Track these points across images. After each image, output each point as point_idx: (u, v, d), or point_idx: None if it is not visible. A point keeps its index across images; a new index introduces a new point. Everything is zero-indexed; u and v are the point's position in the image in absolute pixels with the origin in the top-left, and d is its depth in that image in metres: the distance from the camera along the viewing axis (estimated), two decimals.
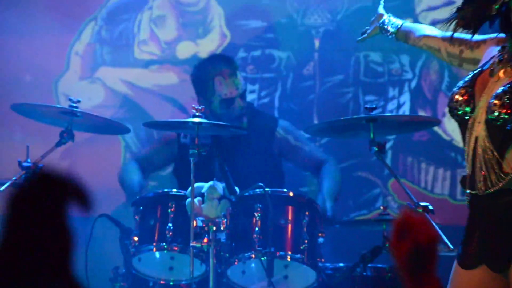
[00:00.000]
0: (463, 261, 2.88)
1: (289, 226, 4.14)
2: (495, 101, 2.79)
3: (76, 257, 4.67)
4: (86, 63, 5.09)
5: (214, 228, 4.00)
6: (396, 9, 4.89)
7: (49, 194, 1.63)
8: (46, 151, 4.13)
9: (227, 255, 4.07)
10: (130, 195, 4.43)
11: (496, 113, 2.78)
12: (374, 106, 4.03)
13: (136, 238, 4.13)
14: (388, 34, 3.26)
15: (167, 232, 4.12)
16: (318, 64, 5.08)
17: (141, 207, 4.20)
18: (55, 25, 5.03)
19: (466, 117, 2.84)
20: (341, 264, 4.21)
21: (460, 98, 2.85)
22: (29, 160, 4.12)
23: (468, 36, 2.97)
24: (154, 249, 4.13)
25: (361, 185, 5.06)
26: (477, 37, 2.96)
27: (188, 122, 4.11)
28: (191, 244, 3.92)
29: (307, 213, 4.15)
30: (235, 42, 5.06)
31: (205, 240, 3.96)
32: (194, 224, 3.94)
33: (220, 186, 4.11)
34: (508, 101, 2.77)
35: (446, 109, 2.92)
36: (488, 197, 2.80)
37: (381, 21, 3.27)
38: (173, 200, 4.16)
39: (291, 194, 4.19)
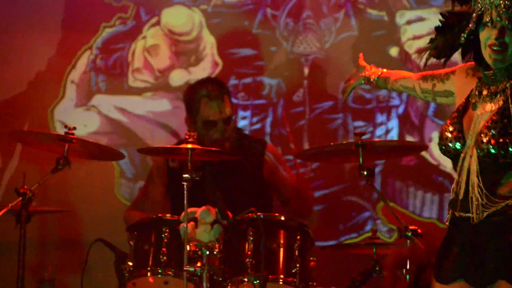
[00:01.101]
0: (440, 275, 2.99)
1: (281, 250, 4.21)
2: (482, 138, 2.90)
3: (72, 281, 4.73)
4: (81, 91, 5.19)
5: (208, 252, 4.06)
6: (382, 38, 5.03)
7: None
8: (42, 178, 4.20)
9: (220, 279, 4.12)
10: None
11: (485, 149, 2.89)
12: (363, 131, 4.12)
13: (130, 263, 4.19)
14: (371, 83, 3.37)
15: (161, 256, 4.18)
16: (308, 91, 5.18)
17: (135, 232, 4.26)
18: (51, 53, 5.13)
19: (457, 153, 2.96)
20: None
21: (450, 135, 2.97)
22: (25, 187, 4.20)
23: (438, 72, 3.10)
24: (149, 274, 4.19)
25: (350, 209, 5.14)
26: (445, 69, 3.08)
27: (181, 148, 4.20)
28: (184, 268, 3.98)
29: (298, 237, 4.22)
30: (227, 69, 5.16)
31: (199, 264, 4.01)
32: (188, 249, 4.00)
33: (213, 211, 4.17)
34: (492, 136, 2.88)
35: (435, 142, 3.05)
36: (481, 222, 2.93)
37: (367, 73, 3.36)
38: (167, 225, 4.22)
39: (282, 218, 4.25)
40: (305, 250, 4.23)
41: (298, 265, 4.17)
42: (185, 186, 4.05)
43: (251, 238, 4.17)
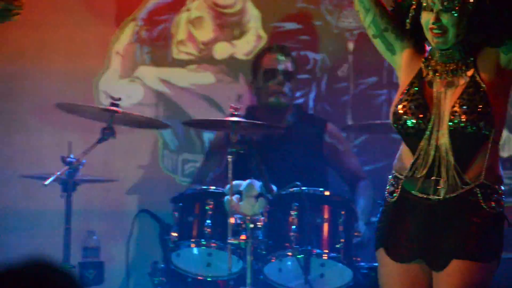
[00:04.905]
0: (395, 253, 2.97)
1: (326, 224, 4.20)
2: (454, 113, 2.88)
3: (117, 251, 4.77)
4: (126, 62, 5.18)
5: (252, 225, 4.06)
6: None
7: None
8: (88, 147, 4.21)
9: (264, 252, 4.13)
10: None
11: (458, 125, 2.87)
12: None
13: (175, 234, 4.20)
14: None
15: (205, 228, 4.19)
16: (352, 66, 5.15)
17: (180, 204, 4.27)
18: (96, 24, 5.12)
19: (418, 130, 2.91)
20: (377, 264, 4.26)
21: (409, 112, 2.92)
22: (72, 156, 4.21)
23: (397, 23, 3.00)
24: (193, 245, 4.20)
25: None
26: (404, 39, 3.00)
27: (226, 121, 4.19)
28: (228, 241, 3.98)
29: (343, 212, 4.21)
30: (271, 43, 5.13)
31: (243, 237, 4.01)
32: (232, 221, 4.00)
33: (257, 184, 4.17)
34: (464, 112, 2.87)
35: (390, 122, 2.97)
36: (444, 201, 2.90)
37: None
38: (212, 197, 4.22)
39: (327, 193, 4.25)
40: (349, 225, 4.23)
41: (342, 240, 4.16)
42: (229, 159, 4.05)
43: (296, 212, 4.17)
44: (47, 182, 4.05)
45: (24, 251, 4.64)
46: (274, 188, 4.17)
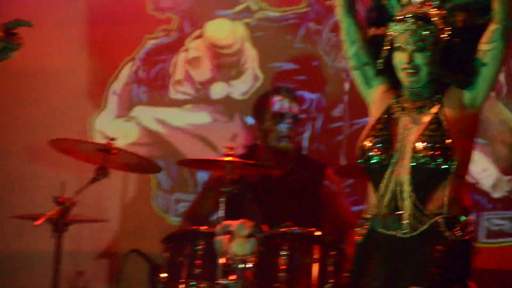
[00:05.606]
0: None
1: (316, 265, 4.20)
2: (416, 150, 2.92)
3: None
4: (122, 102, 5.24)
5: (242, 265, 4.06)
6: None
7: None
8: (81, 187, 4.25)
9: None
10: None
11: (417, 156, 2.92)
12: None
13: (164, 275, 4.21)
14: None
15: (195, 269, 4.19)
16: (348, 106, 5.17)
17: (170, 244, 4.28)
18: (94, 64, 5.19)
19: (382, 166, 2.93)
20: None
21: (374, 149, 2.96)
22: (64, 196, 4.25)
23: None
24: (182, 286, 4.20)
25: None
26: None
27: (219, 160, 4.22)
28: (218, 281, 3.99)
29: (333, 252, 4.21)
30: (267, 83, 5.18)
31: (233, 277, 4.02)
32: (222, 262, 4.02)
33: (248, 224, 4.18)
34: (425, 148, 2.91)
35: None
36: (409, 236, 2.91)
37: None
38: (202, 238, 4.23)
39: (318, 233, 4.25)
40: (339, 266, 4.22)
41: (332, 280, 4.16)
42: (222, 199, 4.07)
43: (286, 253, 4.17)
44: (38, 223, 4.08)
45: None
46: (266, 228, 4.19)
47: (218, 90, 5.26)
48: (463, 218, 2.95)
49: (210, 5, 5.31)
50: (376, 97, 3.06)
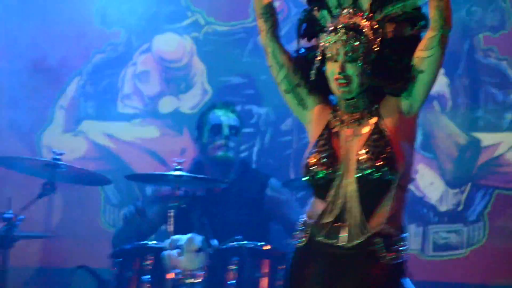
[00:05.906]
0: None
1: (265, 279, 4.22)
2: (360, 161, 2.94)
3: None
4: (70, 116, 5.21)
5: (191, 280, 4.06)
6: None
7: None
8: (27, 203, 4.21)
9: None
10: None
11: (362, 167, 2.93)
12: None
13: None
14: None
15: (144, 284, 4.18)
16: (296, 120, 5.20)
17: (119, 259, 4.26)
18: (41, 78, 5.16)
19: (328, 180, 2.97)
20: None
21: (320, 164, 2.98)
22: (10, 211, 4.21)
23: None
24: None
25: None
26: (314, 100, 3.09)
27: (168, 175, 4.22)
28: None
29: (283, 266, 4.23)
30: (216, 97, 5.19)
31: None
32: (171, 276, 4.01)
33: (198, 238, 4.19)
34: (370, 159, 2.94)
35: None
36: (346, 248, 2.95)
37: None
38: (151, 252, 4.22)
39: (267, 247, 4.27)
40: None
41: None
42: (170, 214, 4.07)
43: (236, 267, 4.17)
44: None
45: None
46: (215, 242, 4.19)
47: (166, 104, 5.26)
48: (399, 238, 2.97)
49: (158, 19, 5.31)
50: (313, 116, 3.08)
